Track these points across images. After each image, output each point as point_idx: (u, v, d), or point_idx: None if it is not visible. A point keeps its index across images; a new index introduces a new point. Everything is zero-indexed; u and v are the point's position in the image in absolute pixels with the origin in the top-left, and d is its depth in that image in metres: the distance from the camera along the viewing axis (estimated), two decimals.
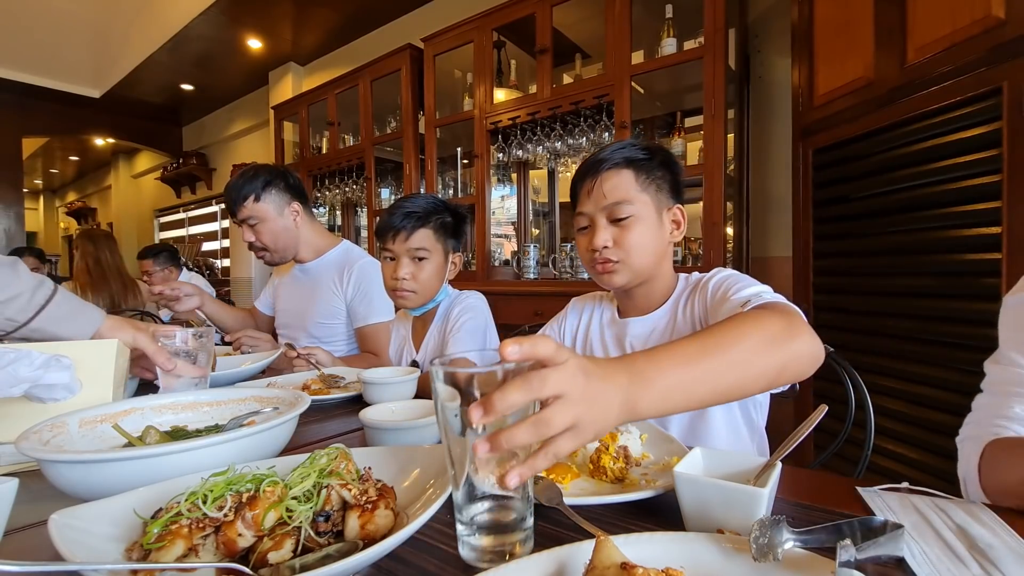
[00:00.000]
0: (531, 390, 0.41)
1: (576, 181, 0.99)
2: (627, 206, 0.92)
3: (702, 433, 0.92)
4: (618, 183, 0.93)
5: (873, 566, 0.43)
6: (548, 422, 0.41)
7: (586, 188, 0.96)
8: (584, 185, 0.97)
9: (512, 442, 0.40)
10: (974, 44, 1.29)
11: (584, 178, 0.97)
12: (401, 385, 1.01)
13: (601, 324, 1.08)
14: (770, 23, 2.49)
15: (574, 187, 1.00)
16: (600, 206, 0.93)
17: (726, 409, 0.92)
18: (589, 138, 2.71)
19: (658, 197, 0.95)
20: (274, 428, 0.64)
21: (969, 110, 1.32)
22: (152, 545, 0.42)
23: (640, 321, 1.00)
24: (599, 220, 0.94)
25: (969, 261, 1.32)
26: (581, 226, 0.98)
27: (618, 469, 0.63)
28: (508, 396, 0.40)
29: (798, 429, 0.57)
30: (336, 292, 1.65)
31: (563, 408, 0.42)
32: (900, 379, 1.52)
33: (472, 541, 0.45)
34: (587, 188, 0.96)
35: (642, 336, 0.99)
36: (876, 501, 0.56)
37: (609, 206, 0.92)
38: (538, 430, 0.41)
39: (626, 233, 0.92)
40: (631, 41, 2.42)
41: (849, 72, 1.68)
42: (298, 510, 0.46)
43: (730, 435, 0.92)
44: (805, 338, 0.64)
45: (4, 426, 0.71)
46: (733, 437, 0.92)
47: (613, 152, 0.95)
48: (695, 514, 0.50)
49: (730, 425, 0.92)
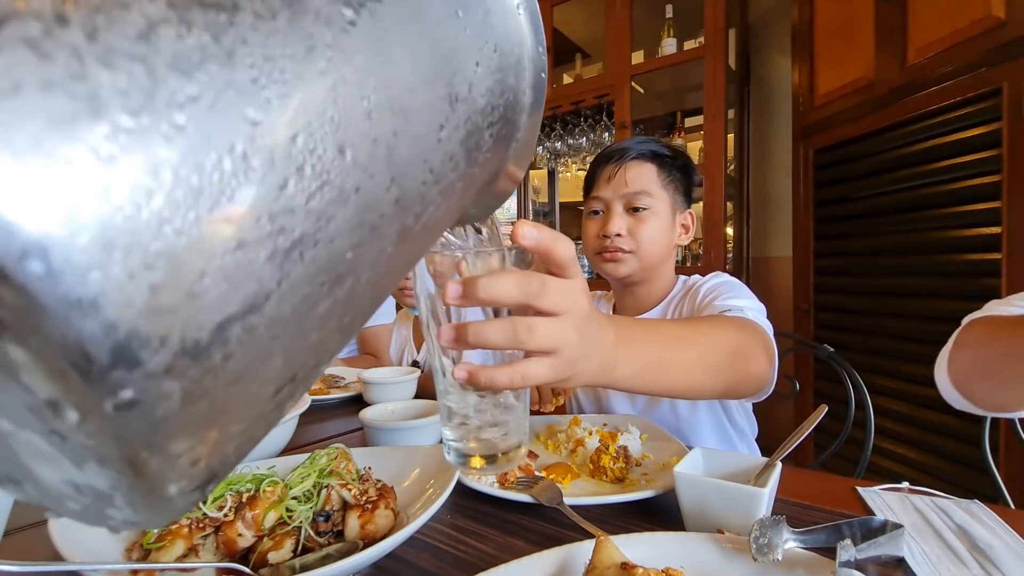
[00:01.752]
0: (527, 289, 0.34)
1: (596, 166, 0.99)
2: (647, 198, 0.92)
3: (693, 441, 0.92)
4: (641, 173, 0.93)
5: (873, 566, 0.43)
6: (531, 328, 0.34)
7: (606, 174, 0.95)
8: (604, 170, 0.96)
9: (480, 337, 0.33)
10: (974, 44, 1.29)
11: (606, 163, 0.96)
12: (401, 385, 1.01)
13: None
14: (770, 23, 2.49)
15: (592, 172, 0.99)
16: (620, 193, 0.93)
17: (715, 419, 0.92)
18: (589, 138, 2.71)
19: (674, 197, 0.95)
20: (274, 428, 0.64)
21: (969, 110, 1.32)
22: (152, 545, 0.42)
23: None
24: (616, 207, 0.93)
25: (969, 261, 1.32)
26: (593, 210, 0.97)
27: (618, 469, 0.63)
28: (497, 283, 0.33)
29: (798, 429, 0.57)
30: None
31: (553, 325, 0.35)
32: (900, 379, 1.52)
33: (457, 445, 0.40)
34: (607, 174, 0.95)
35: None
36: (876, 501, 0.56)
37: (629, 194, 0.92)
38: (516, 333, 0.34)
39: (641, 225, 0.92)
40: (631, 41, 2.42)
41: (849, 72, 1.68)
42: (298, 510, 0.46)
43: (721, 445, 0.92)
44: (762, 364, 0.66)
45: None
46: (724, 447, 0.93)
47: (639, 144, 0.95)
48: (695, 514, 0.50)
49: (720, 434, 0.93)
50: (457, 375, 0.34)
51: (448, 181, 0.21)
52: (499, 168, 0.27)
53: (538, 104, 0.27)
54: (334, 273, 0.16)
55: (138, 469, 0.13)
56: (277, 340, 0.15)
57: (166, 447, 0.13)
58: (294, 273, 0.15)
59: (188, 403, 0.13)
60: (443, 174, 0.20)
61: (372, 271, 0.18)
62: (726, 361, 0.60)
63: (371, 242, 0.17)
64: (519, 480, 0.61)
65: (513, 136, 0.26)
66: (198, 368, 0.13)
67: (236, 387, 0.15)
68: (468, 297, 0.32)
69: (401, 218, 0.19)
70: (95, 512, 0.15)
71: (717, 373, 0.59)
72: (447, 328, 0.34)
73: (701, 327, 0.61)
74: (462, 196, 0.24)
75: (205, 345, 0.13)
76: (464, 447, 0.39)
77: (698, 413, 0.92)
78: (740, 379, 0.63)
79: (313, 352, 0.17)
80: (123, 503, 0.14)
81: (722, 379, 0.60)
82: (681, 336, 0.55)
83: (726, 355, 0.60)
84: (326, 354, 0.19)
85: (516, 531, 0.52)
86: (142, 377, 0.12)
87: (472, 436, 0.39)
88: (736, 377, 0.62)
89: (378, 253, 0.18)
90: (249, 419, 0.16)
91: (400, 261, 0.21)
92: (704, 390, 0.60)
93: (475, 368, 0.34)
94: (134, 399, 0.12)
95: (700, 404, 0.92)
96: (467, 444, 0.39)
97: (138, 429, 0.13)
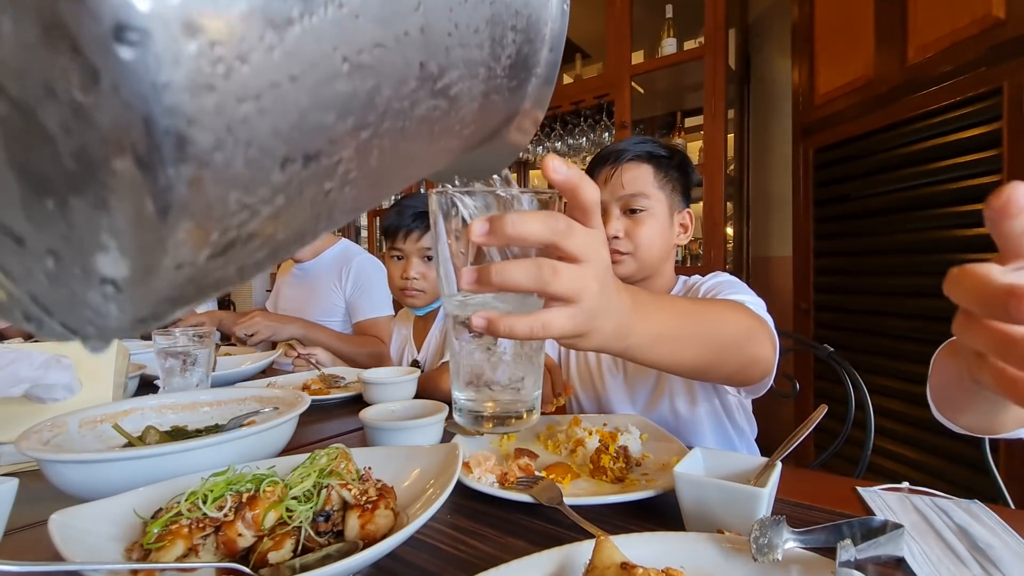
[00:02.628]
0: (555, 227, 0.33)
1: (592, 168, 0.99)
2: (643, 199, 0.92)
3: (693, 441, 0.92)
4: (637, 175, 0.93)
5: (873, 566, 0.43)
6: (555, 269, 0.34)
7: (603, 176, 0.95)
8: (601, 173, 0.96)
9: (503, 276, 0.33)
10: (974, 44, 1.29)
11: (602, 165, 0.96)
12: (401, 385, 1.01)
13: None
14: (770, 23, 2.49)
15: (589, 174, 0.99)
16: (616, 195, 0.93)
17: (715, 419, 0.92)
18: (589, 138, 2.71)
19: (672, 197, 0.95)
20: (274, 428, 0.64)
21: (969, 110, 1.32)
22: (152, 545, 0.42)
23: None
24: (612, 209, 0.93)
25: (969, 261, 1.32)
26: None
27: (618, 469, 0.63)
28: (526, 222, 0.32)
29: (798, 429, 0.57)
30: (335, 289, 1.66)
31: (577, 270, 0.35)
32: (900, 379, 1.52)
33: (470, 405, 0.40)
34: (604, 176, 0.95)
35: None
36: (876, 501, 0.56)
37: (625, 196, 0.92)
38: (541, 273, 0.33)
39: (638, 227, 0.92)
40: (631, 41, 2.42)
41: (849, 72, 1.68)
42: (298, 510, 0.46)
43: (721, 445, 0.92)
44: (768, 350, 0.66)
45: (4, 426, 0.71)
46: (724, 447, 0.92)
47: (635, 144, 0.95)
48: (695, 514, 0.50)
49: (720, 434, 0.93)
50: (476, 323, 0.33)
51: (471, 57, 0.22)
52: (517, 106, 0.28)
53: (558, 44, 0.28)
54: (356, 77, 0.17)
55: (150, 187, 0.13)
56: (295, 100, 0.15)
57: (183, 180, 0.13)
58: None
59: (214, 148, 0.13)
60: (466, 39, 0.21)
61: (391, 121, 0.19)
62: (736, 341, 0.59)
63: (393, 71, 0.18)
64: (519, 480, 0.61)
65: (534, 65, 0.27)
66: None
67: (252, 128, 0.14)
68: (495, 234, 0.32)
69: (426, 66, 0.19)
70: (73, 275, 0.14)
71: (727, 352, 0.58)
72: (468, 270, 0.33)
73: (712, 305, 0.61)
74: (480, 112, 0.24)
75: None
76: (477, 407, 0.39)
77: (698, 413, 0.92)
78: (748, 362, 0.62)
79: (323, 135, 0.17)
80: (115, 248, 0.13)
81: (732, 359, 0.60)
82: (694, 311, 0.54)
83: (736, 335, 0.59)
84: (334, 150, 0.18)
85: (516, 531, 0.52)
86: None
87: (486, 397, 0.39)
88: (744, 360, 0.61)
89: (397, 95, 0.19)
90: (258, 193, 0.16)
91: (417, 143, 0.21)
92: (712, 368, 0.59)
93: (495, 316, 0.33)
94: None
95: (700, 404, 0.92)
96: (481, 404, 0.38)
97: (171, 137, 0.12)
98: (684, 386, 0.91)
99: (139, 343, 1.58)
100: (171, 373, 0.90)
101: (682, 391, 0.92)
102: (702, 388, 0.91)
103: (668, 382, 0.92)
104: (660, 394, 0.93)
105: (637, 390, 0.96)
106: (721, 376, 0.65)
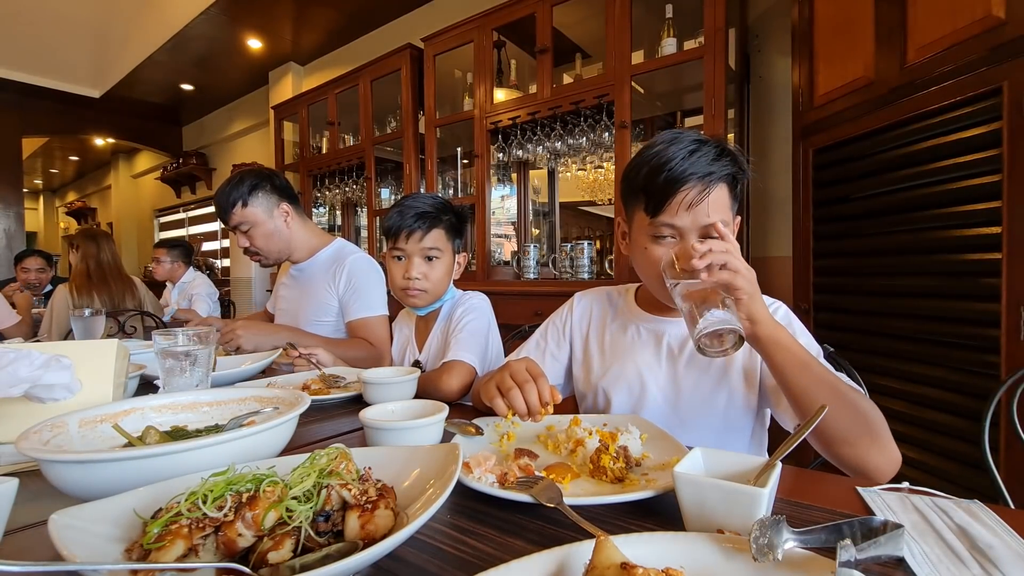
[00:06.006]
0: (728, 251, 0.73)
1: (662, 185, 0.81)
2: (723, 226, 0.80)
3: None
4: (720, 197, 0.81)
5: (873, 566, 0.43)
6: (733, 252, 0.73)
7: (682, 199, 0.80)
8: (677, 194, 0.80)
9: (716, 248, 0.72)
10: (974, 44, 1.29)
11: (678, 184, 0.80)
12: (401, 385, 1.01)
13: (622, 316, 1.04)
14: (770, 23, 2.49)
15: (649, 188, 0.83)
16: (700, 223, 0.81)
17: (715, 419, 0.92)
18: (589, 138, 2.71)
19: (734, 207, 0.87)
20: (274, 428, 0.64)
21: (969, 110, 1.32)
22: (152, 545, 0.42)
23: (680, 322, 0.95)
24: (692, 237, 0.82)
25: (969, 261, 1.32)
26: (659, 235, 0.84)
27: (618, 469, 0.63)
28: (721, 244, 0.73)
29: (798, 429, 0.57)
30: (329, 289, 1.65)
31: (741, 264, 0.73)
32: (900, 379, 1.52)
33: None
34: (685, 199, 0.80)
35: (680, 337, 0.95)
36: (876, 501, 0.56)
37: (708, 225, 0.80)
38: (730, 250, 0.73)
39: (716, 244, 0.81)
40: (631, 41, 2.42)
41: (849, 72, 1.68)
42: (298, 510, 0.46)
43: (721, 445, 0.93)
44: (892, 448, 0.77)
45: (4, 426, 0.71)
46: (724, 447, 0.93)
47: (714, 163, 0.80)
48: (695, 514, 0.50)
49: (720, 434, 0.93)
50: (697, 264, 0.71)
51: None
52: None
53: None
54: None
55: None
56: None
57: None
58: None
59: None
60: None
61: None
62: (852, 404, 0.73)
63: None
64: (519, 480, 0.61)
65: None
66: None
67: None
68: (706, 256, 0.72)
69: None
70: None
71: (844, 404, 0.71)
72: (699, 259, 0.72)
73: (834, 376, 0.76)
74: None
75: None
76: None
77: (699, 413, 0.92)
78: (864, 432, 0.73)
79: None
80: None
81: (848, 412, 0.72)
82: (808, 357, 0.75)
83: (852, 400, 0.73)
84: None
85: (516, 531, 0.52)
86: None
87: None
88: (860, 429, 0.73)
89: None
90: None
91: None
92: (831, 415, 0.65)
93: (709, 256, 0.72)
94: None
95: (700, 404, 0.91)
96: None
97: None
98: (746, 397, 0.91)
99: (139, 343, 1.59)
100: (171, 373, 0.90)
101: (742, 399, 0.91)
102: (762, 403, 0.91)
103: (733, 387, 0.92)
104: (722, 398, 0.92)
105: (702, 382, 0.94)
106: (839, 426, 0.73)
